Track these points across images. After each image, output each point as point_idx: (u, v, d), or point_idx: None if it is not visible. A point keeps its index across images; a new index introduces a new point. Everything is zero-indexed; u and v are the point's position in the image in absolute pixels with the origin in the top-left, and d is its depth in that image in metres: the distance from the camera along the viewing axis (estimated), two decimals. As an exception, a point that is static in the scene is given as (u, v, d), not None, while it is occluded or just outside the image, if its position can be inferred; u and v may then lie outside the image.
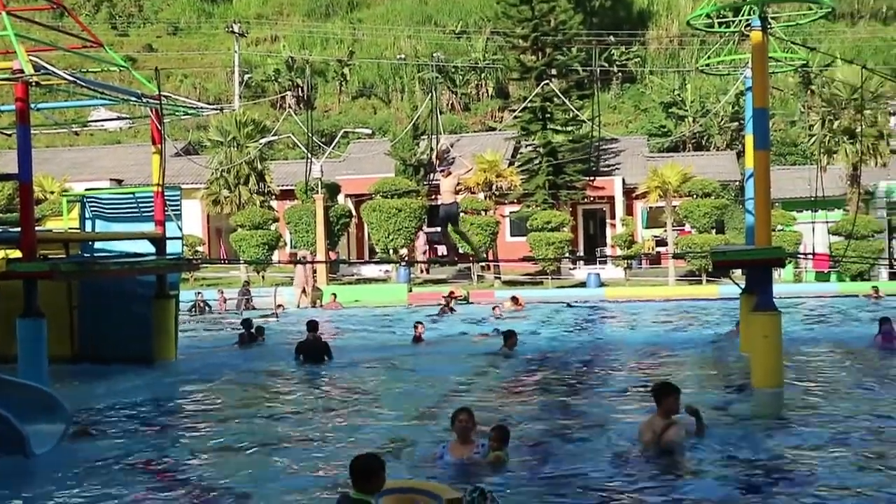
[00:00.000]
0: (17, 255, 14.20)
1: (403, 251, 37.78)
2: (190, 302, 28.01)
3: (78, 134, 55.59)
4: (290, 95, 62.96)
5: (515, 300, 27.37)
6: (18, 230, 13.89)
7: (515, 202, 41.59)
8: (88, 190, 21.29)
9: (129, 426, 11.46)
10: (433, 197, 39.73)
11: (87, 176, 43.11)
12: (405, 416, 11.56)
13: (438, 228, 38.88)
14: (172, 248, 17.33)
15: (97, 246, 17.70)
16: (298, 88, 64.23)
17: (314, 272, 33.01)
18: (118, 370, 15.37)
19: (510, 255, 36.76)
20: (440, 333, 21.04)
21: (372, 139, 49.79)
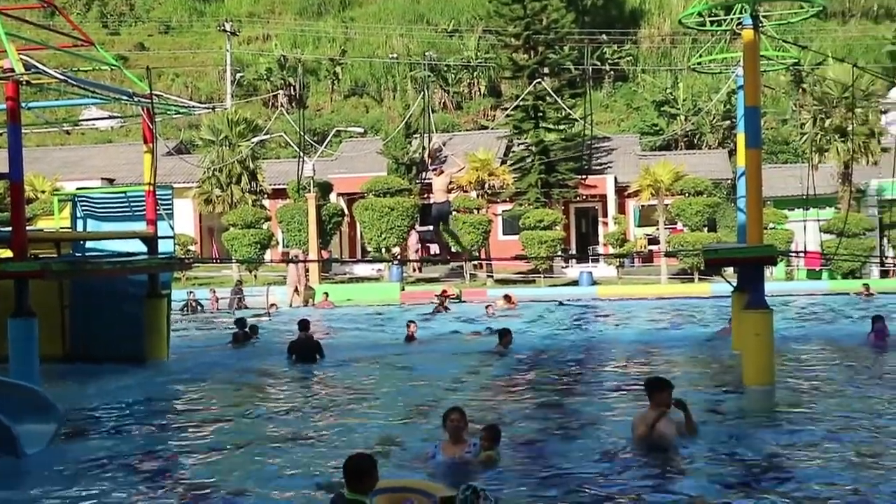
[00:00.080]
0: (7, 254, 14.16)
1: (396, 250, 37.76)
2: (182, 301, 27.97)
3: (69, 133, 55.54)
4: (282, 94, 62.94)
5: (508, 299, 27.38)
6: (9, 230, 13.84)
7: (508, 201, 41.61)
8: (80, 189, 21.24)
9: (120, 426, 11.43)
10: (425, 196, 39.80)
11: (78, 175, 43.01)
12: (397, 415, 11.56)
13: (431, 227, 39.10)
14: (164, 247, 17.28)
15: (88, 245, 17.66)
16: (290, 87, 64.19)
17: (307, 271, 32.99)
18: (110, 370, 15.34)
19: (502, 253, 36.76)
20: (432, 332, 21.03)
21: (364, 138, 49.74)
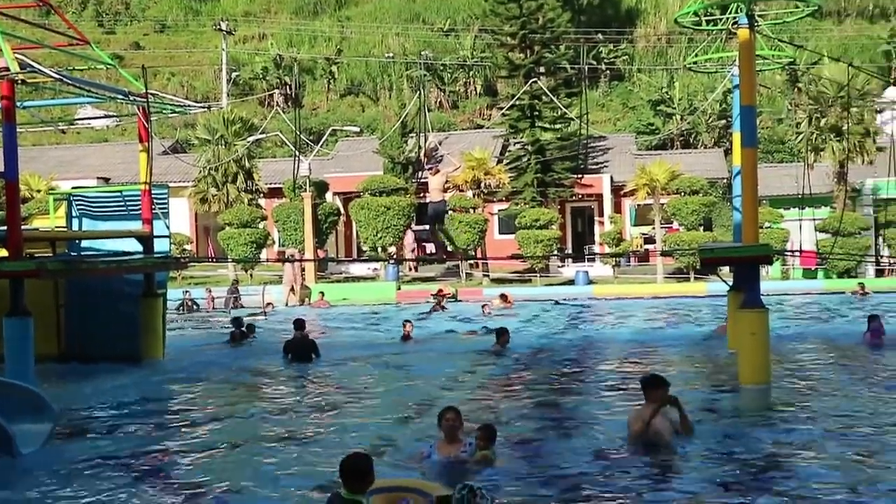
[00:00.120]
0: (3, 254, 14.15)
1: (392, 249, 37.76)
2: (178, 300, 27.95)
3: (65, 132, 55.46)
4: (277, 93, 62.88)
5: (505, 298, 27.39)
6: (4, 229, 13.83)
7: (504, 200, 41.59)
8: (75, 188, 21.22)
9: (116, 425, 11.42)
10: (421, 195, 39.75)
11: (73, 174, 42.93)
12: (393, 414, 11.55)
13: (427, 226, 39.11)
14: (160, 246, 17.28)
15: (84, 244, 17.65)
16: (286, 86, 64.09)
17: (303, 270, 32.98)
18: (105, 369, 15.32)
19: (499, 253, 36.78)
20: (428, 332, 21.03)
21: (360, 137, 49.71)
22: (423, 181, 39.99)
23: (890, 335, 16.97)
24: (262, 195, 40.77)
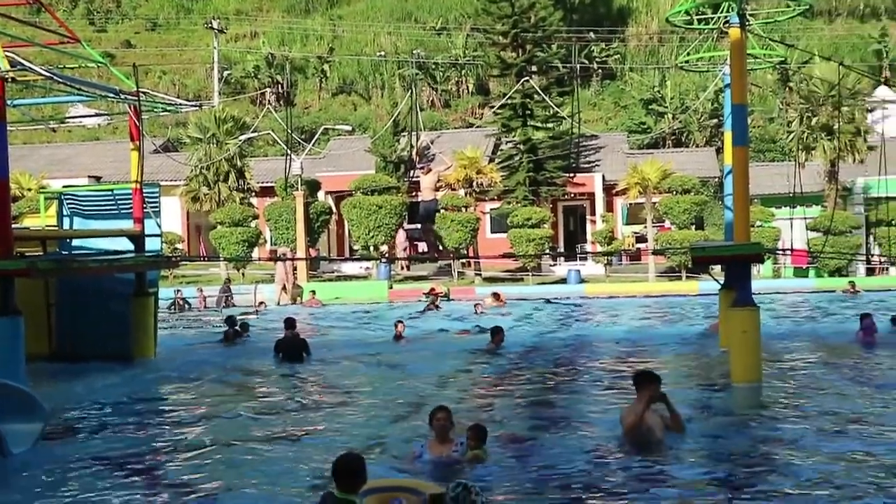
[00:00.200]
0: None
1: (384, 248, 37.74)
2: (169, 299, 27.89)
3: (55, 130, 55.22)
4: (269, 92, 62.73)
5: (497, 297, 27.41)
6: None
7: (496, 199, 41.62)
8: (66, 187, 21.17)
9: (107, 424, 11.39)
10: (413, 194, 39.77)
11: (64, 173, 42.82)
12: (384, 414, 11.55)
13: (419, 225, 39.08)
14: (151, 245, 17.25)
15: (75, 243, 17.60)
16: (278, 85, 63.98)
17: (294, 269, 32.93)
18: (96, 368, 15.29)
19: (491, 251, 36.77)
20: (420, 331, 21.02)
21: (352, 136, 49.65)
22: (415, 180, 39.99)
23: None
24: (253, 194, 40.73)
